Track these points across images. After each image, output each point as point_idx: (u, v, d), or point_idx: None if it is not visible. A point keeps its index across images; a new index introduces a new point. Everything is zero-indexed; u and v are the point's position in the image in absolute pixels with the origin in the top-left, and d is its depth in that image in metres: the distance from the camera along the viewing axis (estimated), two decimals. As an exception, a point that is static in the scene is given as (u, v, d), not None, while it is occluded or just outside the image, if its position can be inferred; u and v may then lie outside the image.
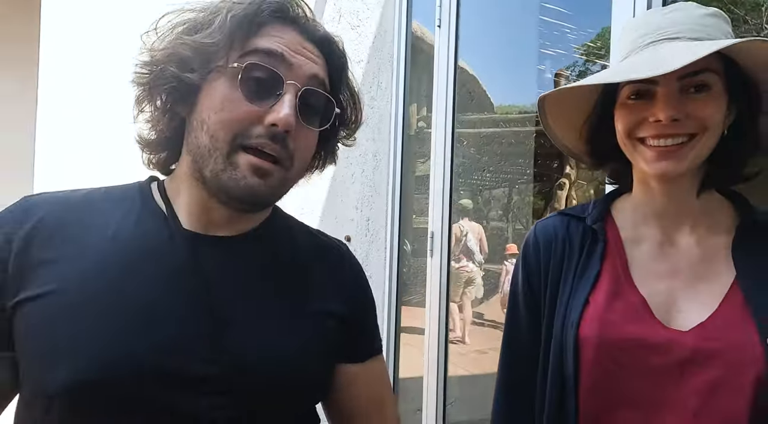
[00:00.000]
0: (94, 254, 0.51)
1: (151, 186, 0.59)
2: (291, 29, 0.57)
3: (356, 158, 2.38)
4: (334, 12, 2.69)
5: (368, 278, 2.27)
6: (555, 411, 0.63)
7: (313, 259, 0.63)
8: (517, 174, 2.96)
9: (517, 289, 0.72)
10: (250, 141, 0.53)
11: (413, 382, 2.12)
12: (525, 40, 2.39)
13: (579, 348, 0.61)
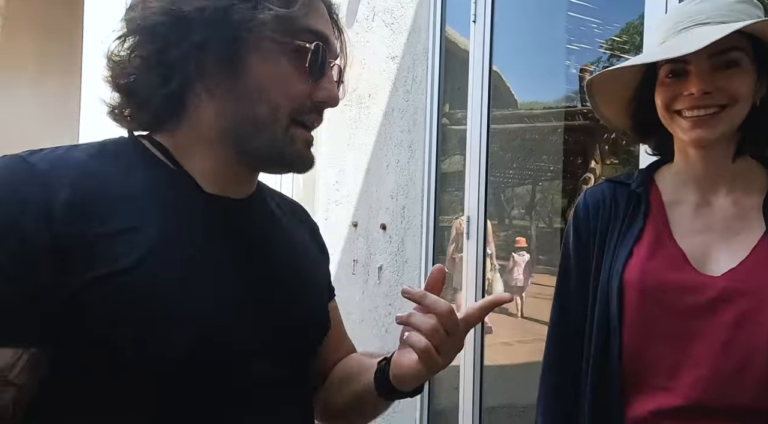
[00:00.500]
0: (147, 221, 0.48)
1: (143, 143, 0.55)
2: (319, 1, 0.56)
3: (391, 149, 2.48)
4: (367, 11, 2.80)
5: (404, 262, 2.39)
6: (601, 349, 0.72)
7: (291, 212, 0.67)
8: (541, 171, 2.99)
9: (569, 248, 0.81)
10: (304, 117, 0.54)
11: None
12: (551, 35, 2.44)
13: (623, 292, 0.71)
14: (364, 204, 2.78)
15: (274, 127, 0.53)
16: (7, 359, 0.43)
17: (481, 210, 1.85)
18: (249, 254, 0.55)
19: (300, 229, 0.66)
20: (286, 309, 0.56)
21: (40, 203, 0.44)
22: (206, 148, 0.54)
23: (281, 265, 0.59)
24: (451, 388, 2.12)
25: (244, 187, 0.58)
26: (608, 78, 0.77)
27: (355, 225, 2.88)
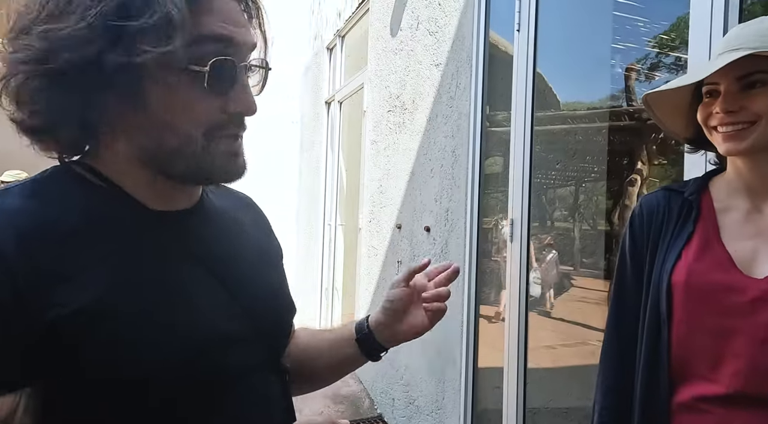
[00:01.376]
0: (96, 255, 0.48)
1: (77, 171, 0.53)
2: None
3: (435, 154, 2.55)
4: (412, 20, 2.88)
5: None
6: (652, 342, 0.79)
7: (240, 208, 0.67)
8: (584, 172, 2.96)
9: (625, 250, 0.88)
10: (222, 132, 0.52)
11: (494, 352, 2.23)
12: (595, 35, 2.43)
13: (671, 292, 0.77)
14: (408, 207, 2.85)
15: (190, 151, 0.51)
16: (9, 406, 0.44)
17: (524, 213, 1.89)
18: (208, 259, 0.55)
19: (253, 222, 0.68)
20: (258, 301, 0.58)
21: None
22: (135, 170, 0.53)
23: (243, 260, 0.59)
24: (494, 388, 2.16)
25: (187, 197, 0.58)
26: (659, 96, 0.83)
27: (399, 227, 2.96)
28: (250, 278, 0.59)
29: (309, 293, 5.10)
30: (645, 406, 0.79)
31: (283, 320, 0.64)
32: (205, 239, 0.57)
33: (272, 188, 5.86)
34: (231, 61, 0.50)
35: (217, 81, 0.49)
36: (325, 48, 4.89)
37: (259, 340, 0.57)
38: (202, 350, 0.51)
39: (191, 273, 0.54)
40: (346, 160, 4.74)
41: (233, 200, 0.68)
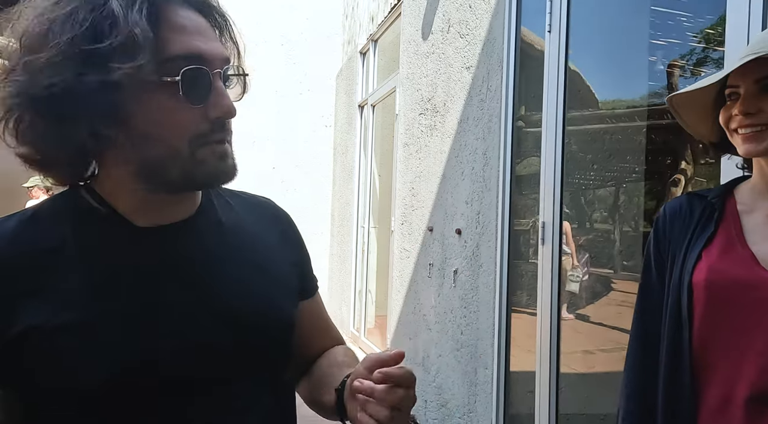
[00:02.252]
0: (67, 272, 0.52)
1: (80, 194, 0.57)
2: (181, 8, 0.54)
3: (466, 157, 2.55)
4: (443, 23, 2.89)
5: (479, 267, 2.44)
6: (674, 342, 0.79)
7: (254, 218, 0.67)
8: (625, 172, 2.89)
9: (649, 253, 0.88)
10: (209, 137, 0.54)
11: (527, 357, 2.21)
12: (633, 32, 2.38)
13: (692, 291, 0.77)
14: (440, 209, 2.86)
15: (177, 159, 0.53)
16: None
17: (556, 215, 1.87)
18: (188, 272, 0.57)
19: (264, 232, 0.67)
20: (243, 315, 0.58)
21: None
22: (128, 188, 0.55)
23: (232, 273, 0.60)
24: (527, 393, 2.14)
25: (179, 210, 0.59)
26: (683, 98, 0.83)
27: (430, 230, 2.97)
28: (237, 291, 0.59)
29: (342, 294, 5.17)
30: (668, 408, 0.79)
31: (272, 331, 0.61)
32: (190, 253, 0.58)
33: (307, 191, 5.97)
34: (203, 70, 0.52)
35: (191, 89, 0.52)
36: (358, 52, 4.95)
37: (241, 352, 0.57)
38: (164, 359, 0.53)
39: (166, 286, 0.55)
40: (379, 163, 4.78)
41: (247, 209, 0.68)
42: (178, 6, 0.53)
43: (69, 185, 0.58)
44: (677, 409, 0.78)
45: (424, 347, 3.03)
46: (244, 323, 0.58)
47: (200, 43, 0.53)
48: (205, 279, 0.58)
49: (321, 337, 0.74)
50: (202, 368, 0.55)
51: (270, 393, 0.61)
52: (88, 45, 0.48)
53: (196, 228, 0.60)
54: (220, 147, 0.55)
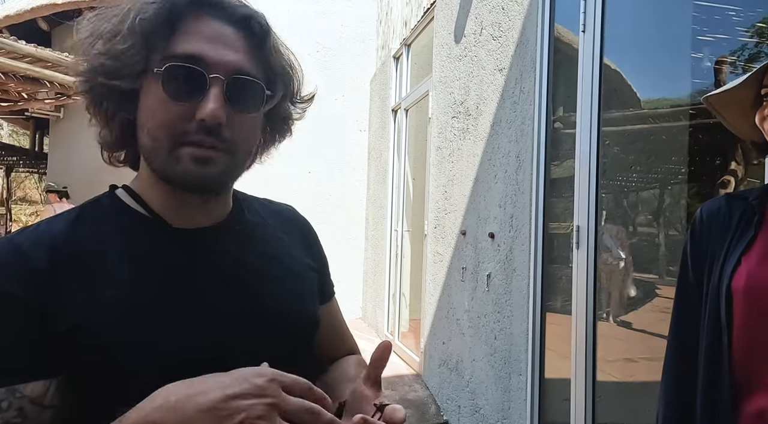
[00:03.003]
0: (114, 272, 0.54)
1: (118, 194, 0.61)
2: (208, 18, 0.56)
3: (499, 160, 2.53)
4: (475, 25, 2.88)
5: (513, 270, 2.41)
6: (713, 350, 0.76)
7: (277, 223, 0.70)
8: (670, 174, 2.79)
9: (686, 256, 0.86)
10: (189, 137, 0.55)
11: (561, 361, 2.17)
12: (676, 28, 2.30)
13: (731, 298, 0.74)
14: (473, 213, 2.84)
15: (157, 152, 0.56)
16: (39, 389, 0.50)
17: (591, 218, 1.82)
18: (223, 275, 0.59)
19: (287, 237, 0.69)
20: (273, 312, 0.61)
21: (22, 272, 0.51)
22: (154, 184, 0.59)
23: (263, 274, 0.62)
24: (563, 400, 2.09)
25: (210, 213, 0.61)
26: (724, 98, 0.80)
27: (463, 233, 2.96)
28: (268, 290, 0.62)
29: (377, 298, 5.20)
30: (708, 416, 0.76)
31: (299, 331, 0.65)
32: (223, 256, 0.61)
33: (342, 195, 6.04)
34: (196, 70, 0.54)
35: (177, 86, 0.54)
36: (392, 57, 4.98)
37: (271, 347, 0.59)
38: (206, 353, 0.55)
39: (203, 286, 0.58)
40: (413, 167, 4.79)
41: (272, 216, 0.71)
42: (207, 14, 0.56)
43: (131, 167, 0.63)
44: (717, 416, 0.75)
45: (457, 351, 3.01)
46: (274, 322, 0.61)
47: (206, 47, 0.55)
48: (238, 279, 0.60)
49: (336, 341, 0.76)
50: (237, 364, 0.57)
51: None
52: (95, 33, 0.55)
53: (227, 232, 0.63)
54: (201, 151, 0.55)
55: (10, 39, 4.55)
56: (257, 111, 0.60)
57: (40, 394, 0.50)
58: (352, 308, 5.97)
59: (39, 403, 0.49)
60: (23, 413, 0.48)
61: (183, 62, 0.54)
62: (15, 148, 12.36)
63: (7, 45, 4.41)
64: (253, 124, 0.60)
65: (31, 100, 6.30)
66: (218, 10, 0.57)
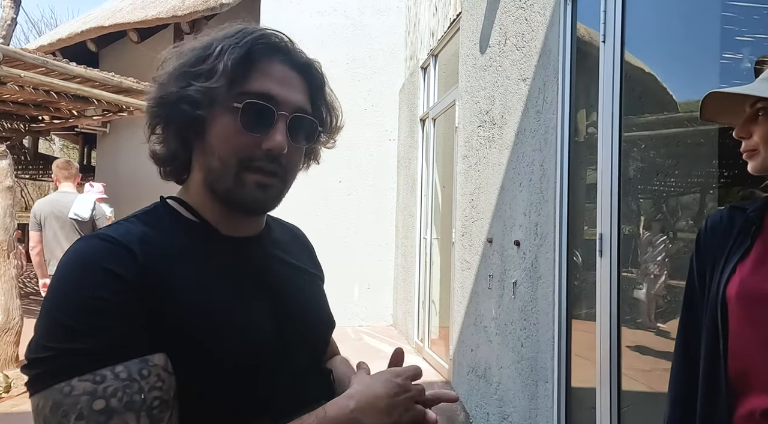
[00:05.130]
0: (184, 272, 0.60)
1: (170, 204, 0.67)
2: (278, 62, 0.65)
3: (523, 168, 2.55)
4: (500, 36, 2.92)
5: (538, 278, 2.41)
6: (711, 355, 0.79)
7: (291, 239, 0.81)
8: (711, 177, 2.73)
9: (692, 266, 0.89)
10: (254, 163, 0.63)
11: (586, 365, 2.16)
12: (709, 29, 2.27)
13: (726, 305, 0.77)
14: (499, 221, 2.86)
15: (225, 175, 0.63)
16: (163, 358, 0.55)
17: (614, 226, 1.83)
18: (264, 279, 0.67)
19: (300, 251, 0.80)
20: (303, 315, 0.70)
21: (127, 260, 0.56)
22: (207, 198, 0.66)
23: (292, 281, 0.72)
24: (590, 409, 2.08)
25: (251, 226, 0.70)
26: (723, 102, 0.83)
27: (490, 241, 2.98)
28: (298, 295, 0.72)
29: (407, 305, 5.24)
30: (705, 419, 0.79)
31: (323, 331, 0.76)
32: (264, 263, 0.70)
33: (372, 203, 6.13)
34: (268, 107, 0.63)
35: (251, 119, 0.62)
36: (419, 67, 5.06)
37: (303, 346, 0.69)
38: (260, 350, 0.62)
39: (252, 287, 0.66)
40: (441, 175, 4.83)
41: (287, 232, 0.82)
42: (277, 60, 0.66)
43: (176, 181, 0.71)
44: (714, 419, 0.78)
45: (485, 358, 3.02)
46: (307, 325, 0.70)
47: (276, 88, 0.64)
48: (276, 285, 0.69)
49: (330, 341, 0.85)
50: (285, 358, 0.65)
51: (325, 383, 0.73)
52: (186, 69, 0.63)
53: (263, 242, 0.72)
54: (264, 177, 0.64)
55: (63, 61, 4.89)
56: (310, 144, 0.69)
57: (165, 363, 0.55)
58: (383, 315, 6.03)
59: (167, 370, 0.55)
60: (161, 377, 0.54)
61: (258, 99, 0.63)
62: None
63: (60, 67, 4.74)
64: (301, 153, 0.70)
65: (80, 117, 6.70)
66: (285, 55, 0.66)
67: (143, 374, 0.53)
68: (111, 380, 0.51)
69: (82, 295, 0.54)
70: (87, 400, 0.50)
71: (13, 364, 4.06)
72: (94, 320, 0.53)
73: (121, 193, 6.67)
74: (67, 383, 0.50)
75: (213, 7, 6.19)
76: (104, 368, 0.51)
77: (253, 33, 0.64)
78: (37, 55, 4.64)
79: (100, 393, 0.50)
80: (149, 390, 0.52)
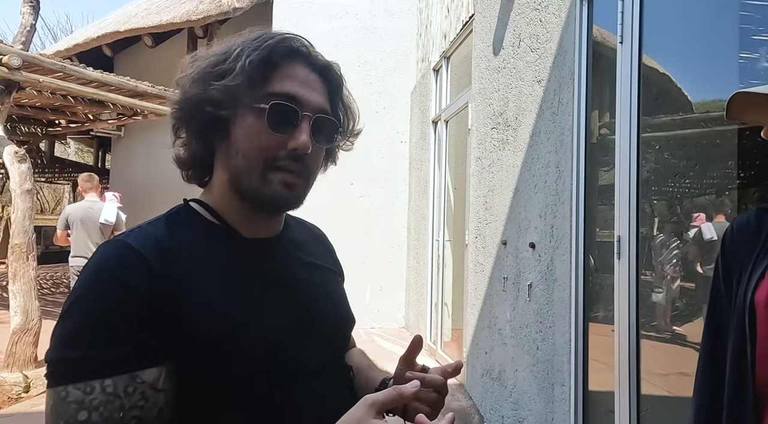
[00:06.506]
0: (207, 273, 0.62)
1: (193, 207, 0.69)
2: (299, 65, 0.67)
3: (539, 170, 2.54)
4: (513, 37, 2.92)
5: (554, 280, 2.39)
6: (737, 361, 0.78)
7: (310, 238, 0.82)
8: (727, 179, 2.70)
9: (717, 269, 0.87)
10: (278, 162, 0.64)
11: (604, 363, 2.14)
12: (725, 29, 2.25)
13: (754, 311, 0.75)
14: (513, 223, 2.85)
15: (251, 173, 0.64)
16: (154, 374, 0.56)
17: (632, 228, 1.81)
18: (285, 278, 0.69)
19: (320, 249, 0.82)
20: (324, 313, 0.72)
21: (141, 268, 0.58)
22: (230, 200, 0.67)
23: (312, 280, 0.73)
24: (608, 413, 2.06)
25: (271, 227, 0.72)
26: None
27: (504, 244, 2.97)
28: (318, 294, 0.73)
29: (419, 307, 5.24)
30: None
31: (343, 328, 0.78)
32: (284, 263, 0.71)
33: (384, 206, 6.14)
34: (292, 108, 0.64)
35: (277, 119, 0.64)
36: (431, 69, 5.06)
37: (324, 343, 0.70)
38: (279, 347, 0.63)
39: (271, 288, 0.67)
40: (453, 178, 4.83)
41: (307, 232, 0.83)
42: (298, 62, 0.67)
43: (198, 185, 0.72)
44: None
45: (500, 361, 3.00)
46: (327, 324, 0.72)
47: (299, 89, 0.66)
48: (294, 284, 0.70)
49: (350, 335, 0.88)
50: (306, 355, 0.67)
51: (345, 378, 0.74)
52: (207, 70, 0.65)
53: (283, 243, 0.73)
54: (289, 176, 0.65)
55: (80, 66, 4.96)
56: (330, 144, 0.71)
57: (155, 379, 0.56)
58: (395, 318, 6.03)
59: (155, 387, 0.56)
60: (145, 396, 0.55)
61: (283, 100, 0.64)
62: (80, 165, 13.28)
63: (78, 72, 4.81)
64: (322, 153, 0.71)
65: (95, 121, 6.81)
66: (305, 58, 0.68)
67: (128, 392, 0.54)
68: (98, 394, 0.53)
69: (86, 304, 0.56)
70: (75, 409, 0.53)
71: (32, 364, 4.12)
72: (94, 330, 0.55)
73: (135, 196, 6.75)
74: (64, 388, 0.54)
75: (226, 11, 6.25)
76: (95, 380, 0.54)
77: (274, 37, 0.66)
78: (54, 60, 4.72)
79: (87, 404, 0.53)
80: (129, 409, 0.54)
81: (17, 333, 4.07)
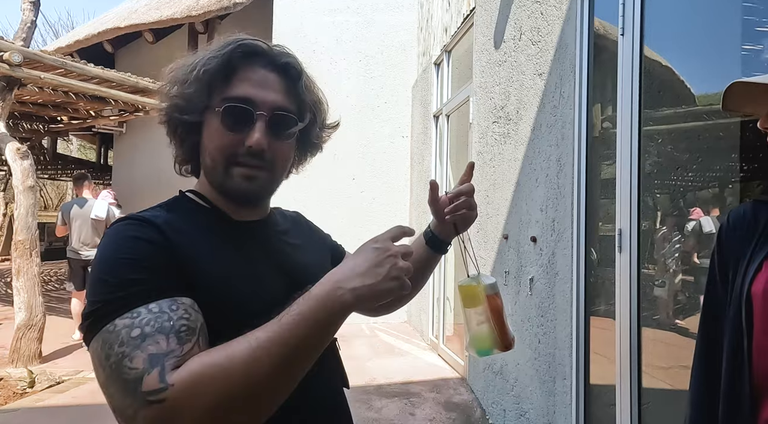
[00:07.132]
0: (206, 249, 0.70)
1: (190, 196, 0.77)
2: (257, 66, 0.73)
3: (540, 164, 2.53)
4: (514, 31, 2.90)
5: (555, 274, 2.38)
6: (733, 354, 0.77)
7: (293, 221, 0.90)
8: (731, 172, 2.69)
9: (713, 261, 0.87)
10: (238, 159, 0.71)
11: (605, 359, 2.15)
12: (733, 19, 2.23)
13: (751, 303, 0.75)
14: (515, 217, 2.85)
15: (216, 169, 0.73)
16: (190, 300, 0.63)
17: (633, 221, 1.81)
18: (273, 255, 0.77)
19: (301, 232, 0.89)
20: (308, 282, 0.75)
21: (156, 230, 0.66)
22: (212, 190, 0.76)
23: (296, 255, 0.81)
24: (609, 406, 2.07)
25: (258, 211, 0.80)
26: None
27: (506, 238, 2.97)
28: (302, 266, 0.79)
29: (421, 302, 5.24)
30: (729, 419, 0.77)
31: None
32: (269, 240, 0.79)
33: (385, 200, 6.14)
34: (247, 109, 0.71)
35: (232, 121, 0.71)
36: (432, 64, 5.04)
37: None
38: (271, 306, 0.66)
39: (262, 263, 0.75)
40: (454, 171, 4.82)
41: (287, 221, 0.90)
42: (256, 64, 0.73)
43: (195, 176, 0.81)
44: (737, 420, 0.76)
45: (501, 355, 3.00)
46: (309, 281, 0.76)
47: (253, 91, 0.72)
48: (280, 256, 0.78)
49: None
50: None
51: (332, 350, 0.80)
52: (174, 79, 0.73)
53: (270, 224, 0.82)
54: (248, 170, 0.72)
55: (81, 62, 4.96)
56: (291, 138, 0.76)
57: (192, 303, 0.63)
58: (397, 312, 6.02)
59: (194, 308, 0.62)
60: (188, 312, 0.61)
61: (237, 103, 0.71)
62: (83, 161, 13.31)
63: (78, 68, 4.81)
64: (288, 147, 0.77)
65: (97, 118, 6.81)
66: (263, 58, 0.74)
67: (172, 309, 0.60)
68: (145, 314, 0.59)
69: (117, 257, 0.63)
70: (126, 331, 0.58)
71: (36, 360, 4.15)
72: (128, 274, 0.62)
73: (137, 191, 6.77)
74: (111, 323, 0.59)
75: (227, 6, 6.23)
76: (140, 307, 0.59)
77: (232, 43, 0.72)
78: (56, 56, 4.72)
79: (137, 324, 0.58)
80: (177, 319, 0.60)
81: (22, 329, 4.10)
